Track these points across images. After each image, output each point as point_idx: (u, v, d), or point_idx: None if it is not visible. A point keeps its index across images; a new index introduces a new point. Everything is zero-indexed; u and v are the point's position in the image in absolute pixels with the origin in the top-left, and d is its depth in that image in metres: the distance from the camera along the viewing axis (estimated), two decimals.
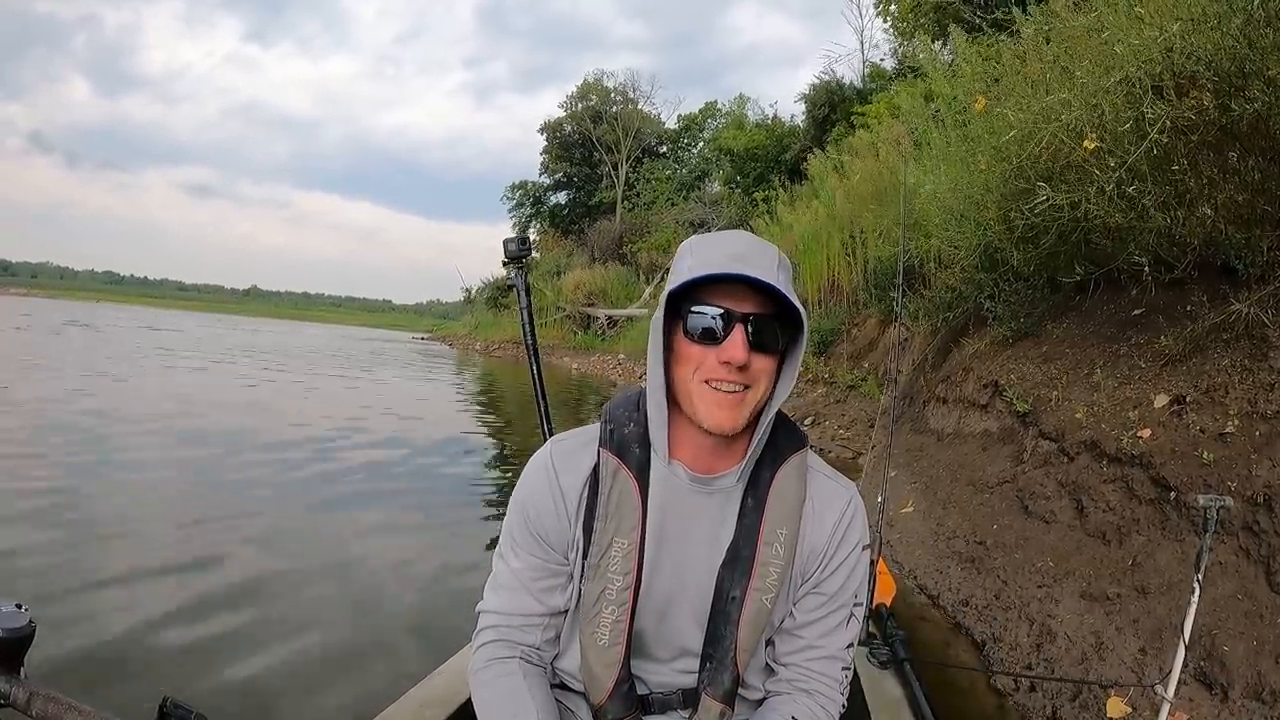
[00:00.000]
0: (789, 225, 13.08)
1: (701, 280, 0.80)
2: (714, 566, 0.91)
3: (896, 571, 3.29)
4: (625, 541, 0.89)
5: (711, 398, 0.82)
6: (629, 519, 0.89)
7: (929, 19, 11.05)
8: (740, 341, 0.80)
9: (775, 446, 0.91)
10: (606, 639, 0.90)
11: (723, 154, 26.14)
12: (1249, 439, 2.36)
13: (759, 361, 0.82)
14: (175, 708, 0.70)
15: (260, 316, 76.24)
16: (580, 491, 0.92)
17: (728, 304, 0.81)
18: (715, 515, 0.91)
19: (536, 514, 0.93)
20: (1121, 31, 2.98)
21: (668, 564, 0.91)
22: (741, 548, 0.90)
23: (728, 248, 0.82)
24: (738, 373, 0.81)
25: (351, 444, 6.42)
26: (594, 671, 0.91)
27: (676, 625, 0.93)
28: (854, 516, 0.94)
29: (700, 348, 0.82)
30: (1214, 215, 2.77)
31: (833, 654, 0.94)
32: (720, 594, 0.90)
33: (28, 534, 3.36)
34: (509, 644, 0.94)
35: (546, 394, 1.71)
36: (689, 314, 0.82)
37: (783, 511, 0.90)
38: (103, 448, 5.33)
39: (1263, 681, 1.83)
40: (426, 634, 2.73)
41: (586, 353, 21.39)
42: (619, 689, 0.91)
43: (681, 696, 0.96)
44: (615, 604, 0.89)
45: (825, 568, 0.92)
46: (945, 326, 5.64)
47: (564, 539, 0.93)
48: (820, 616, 0.93)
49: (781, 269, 0.82)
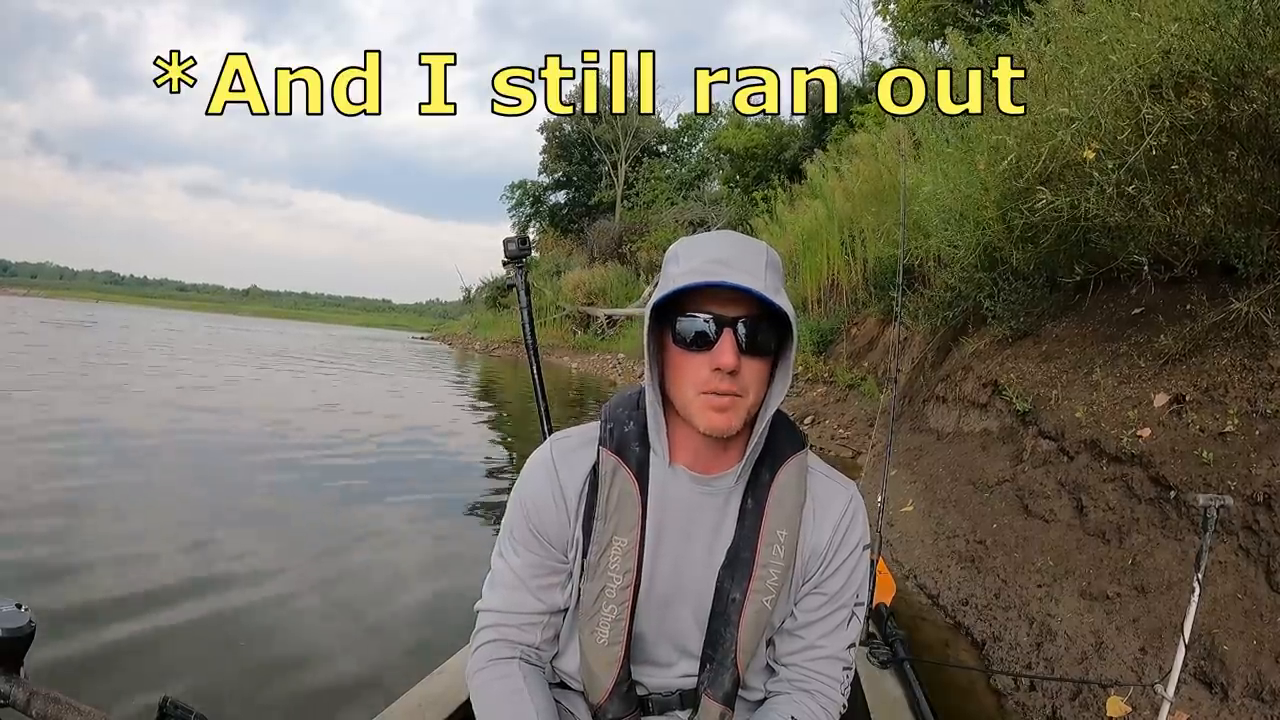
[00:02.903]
0: (788, 225, 13.08)
1: (689, 287, 0.79)
2: (714, 567, 0.90)
3: (896, 571, 3.29)
4: (625, 540, 0.88)
5: (706, 403, 0.82)
6: (629, 517, 0.89)
7: (928, 19, 11.05)
8: (730, 347, 0.79)
9: (775, 447, 0.91)
10: (606, 638, 0.90)
11: (722, 153, 26.13)
12: (1249, 438, 2.36)
13: (751, 365, 0.81)
14: (175, 708, 0.70)
15: (261, 316, 76.19)
16: (580, 489, 0.91)
17: (716, 309, 0.80)
18: (715, 515, 0.91)
19: (536, 511, 0.92)
20: (1120, 32, 2.98)
21: (667, 563, 0.91)
22: (741, 549, 0.89)
23: (713, 252, 0.81)
24: (730, 378, 0.80)
25: (352, 443, 6.42)
26: (593, 671, 0.91)
27: (676, 625, 0.93)
28: (854, 516, 0.93)
29: (692, 354, 0.82)
30: (1214, 214, 2.77)
31: (834, 654, 0.93)
32: (720, 595, 0.90)
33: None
34: (508, 644, 0.94)
35: (546, 394, 1.71)
36: (678, 322, 0.82)
37: (783, 513, 0.89)
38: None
39: (1263, 681, 1.83)
40: (427, 633, 2.72)
41: (586, 352, 21.37)
42: (618, 689, 0.91)
43: (681, 698, 0.96)
44: (615, 603, 0.89)
45: (826, 568, 0.92)
46: (945, 326, 5.64)
47: (564, 536, 0.92)
48: (821, 617, 0.93)
49: (770, 269, 0.81)
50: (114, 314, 39.70)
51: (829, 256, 11.02)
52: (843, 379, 8.84)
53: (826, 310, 10.95)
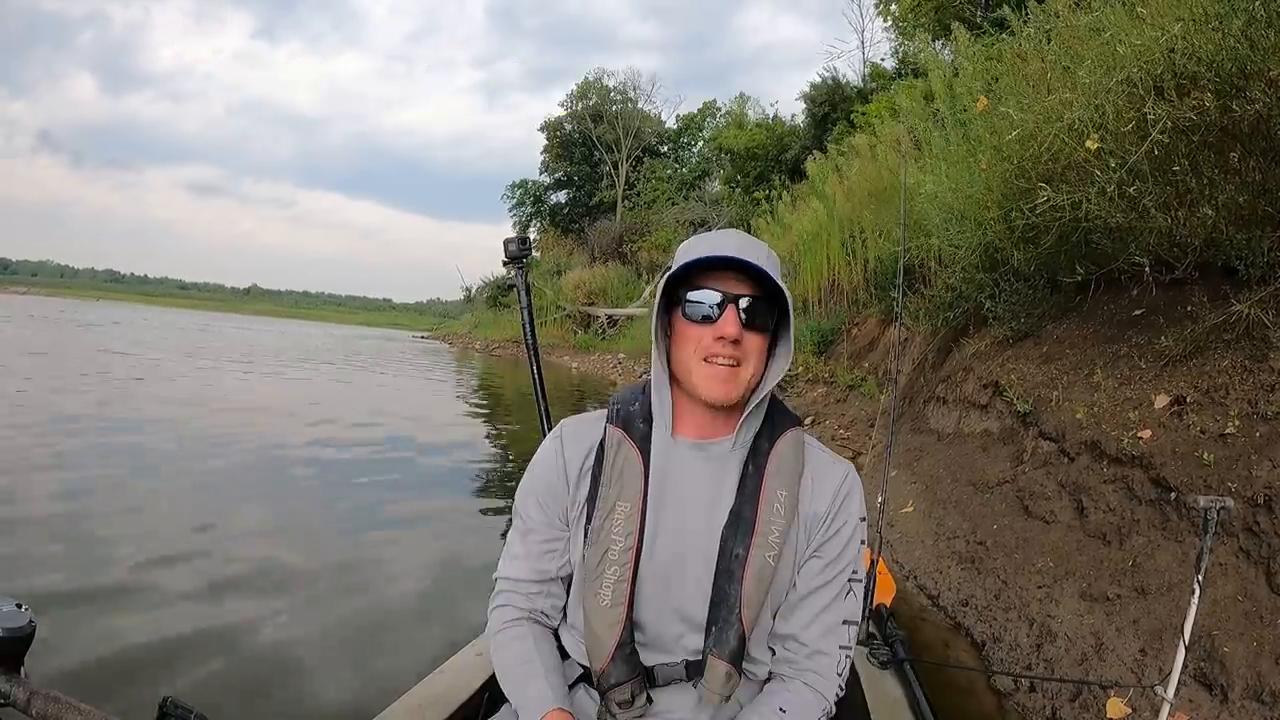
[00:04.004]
0: (789, 225, 13.07)
1: (697, 268, 0.90)
2: (716, 529, 0.95)
3: (896, 572, 3.29)
4: (628, 505, 0.94)
5: (709, 372, 0.91)
6: (632, 484, 0.95)
7: (930, 18, 11.06)
8: (733, 319, 0.89)
9: (772, 421, 0.99)
10: (609, 600, 0.93)
11: (723, 153, 26.12)
12: (1249, 440, 2.36)
13: (751, 339, 0.91)
14: (175, 708, 0.70)
15: (261, 315, 76.18)
16: (584, 459, 0.99)
17: (722, 288, 0.90)
18: (716, 479, 0.96)
19: (544, 483, 1.00)
20: (1123, 31, 2.98)
21: (670, 527, 0.95)
22: (744, 510, 0.94)
23: (720, 242, 0.92)
24: (732, 347, 0.89)
25: (353, 441, 6.43)
26: (596, 633, 0.94)
27: (681, 590, 0.95)
28: (852, 488, 0.99)
29: (698, 327, 0.91)
30: (1215, 216, 2.77)
31: (830, 628, 0.96)
32: (724, 553, 0.94)
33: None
34: (516, 609, 1.02)
35: (547, 393, 1.71)
36: (687, 298, 0.92)
37: (782, 476, 0.95)
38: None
39: (1263, 682, 1.83)
40: (427, 633, 2.72)
41: (586, 352, 21.37)
42: (620, 651, 0.93)
43: (686, 668, 0.98)
44: (617, 564, 0.93)
45: (827, 531, 0.97)
46: (945, 326, 5.63)
47: (564, 505, 0.99)
48: (822, 584, 0.97)
49: (770, 261, 0.91)
50: (114, 313, 39.65)
51: (829, 257, 11.01)
52: (843, 379, 8.83)
53: (827, 310, 10.94)
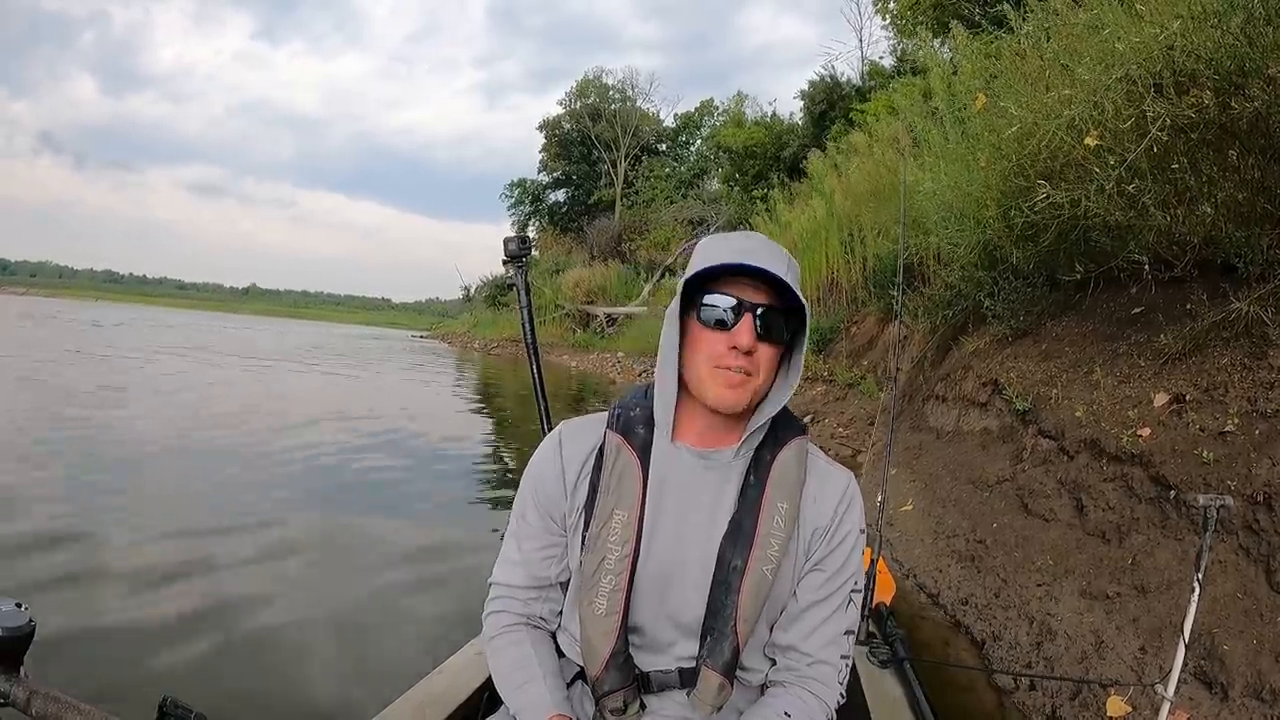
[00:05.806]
0: (788, 223, 13.06)
1: (716, 273, 0.88)
2: (715, 539, 0.93)
3: (896, 570, 3.29)
4: (625, 513, 0.92)
5: (720, 379, 0.89)
6: (630, 492, 0.93)
7: (928, 16, 11.05)
8: (749, 328, 0.87)
9: (776, 432, 0.96)
10: (604, 608, 0.92)
11: (721, 151, 26.09)
12: (1249, 438, 2.36)
13: (764, 349, 0.89)
14: (175, 708, 0.70)
15: (259, 315, 76.11)
16: (582, 462, 0.97)
17: (739, 295, 0.88)
18: (716, 490, 0.94)
19: (542, 487, 0.99)
20: (1121, 29, 2.97)
21: (668, 536, 0.94)
22: (743, 520, 0.93)
23: (742, 244, 0.89)
24: (745, 358, 0.87)
25: (352, 441, 6.42)
26: (591, 641, 0.93)
27: (677, 599, 0.94)
28: (853, 500, 0.98)
29: (712, 333, 0.89)
30: (1214, 213, 2.77)
31: (832, 639, 0.95)
32: (722, 564, 0.93)
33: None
34: (512, 615, 1.01)
35: (546, 392, 1.71)
36: (703, 303, 0.90)
37: (783, 488, 0.93)
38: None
39: (1263, 680, 1.83)
40: (428, 632, 2.72)
41: (586, 351, 21.35)
42: (615, 659, 0.93)
43: (680, 677, 0.97)
44: (613, 573, 0.92)
45: (829, 544, 0.96)
46: (945, 324, 5.63)
47: (562, 510, 0.98)
48: (822, 597, 0.95)
49: (790, 269, 0.88)
50: (114, 313, 39.61)
51: (829, 255, 11.00)
52: (842, 378, 8.84)
53: (826, 309, 10.92)
